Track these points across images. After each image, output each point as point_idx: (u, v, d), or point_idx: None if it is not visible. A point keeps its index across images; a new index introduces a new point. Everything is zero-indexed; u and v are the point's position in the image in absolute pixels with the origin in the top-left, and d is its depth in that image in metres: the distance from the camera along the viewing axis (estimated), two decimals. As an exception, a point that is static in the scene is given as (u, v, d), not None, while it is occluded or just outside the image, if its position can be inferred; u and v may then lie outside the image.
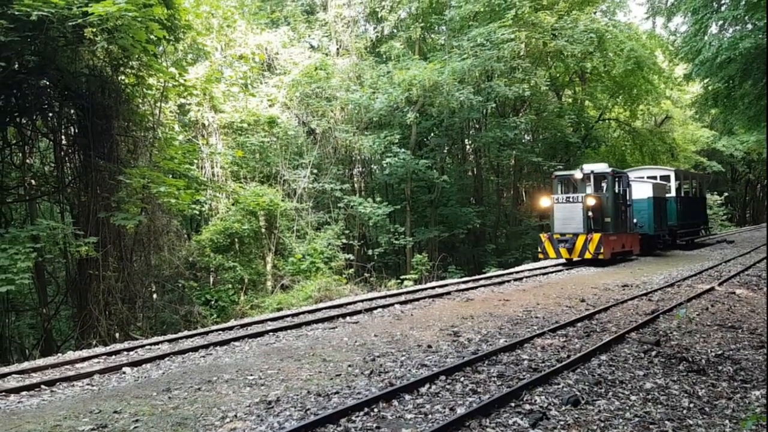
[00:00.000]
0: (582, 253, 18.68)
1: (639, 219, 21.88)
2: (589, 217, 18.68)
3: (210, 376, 7.33)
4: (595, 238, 18.52)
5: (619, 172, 20.44)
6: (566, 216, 18.96)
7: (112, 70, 15.40)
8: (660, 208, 23.29)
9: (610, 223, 19.25)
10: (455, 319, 10.75)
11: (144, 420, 5.70)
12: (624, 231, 20.32)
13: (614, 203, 19.43)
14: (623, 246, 20.21)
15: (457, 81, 23.16)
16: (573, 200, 19.06)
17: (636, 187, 22.07)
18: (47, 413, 5.99)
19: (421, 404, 6.16)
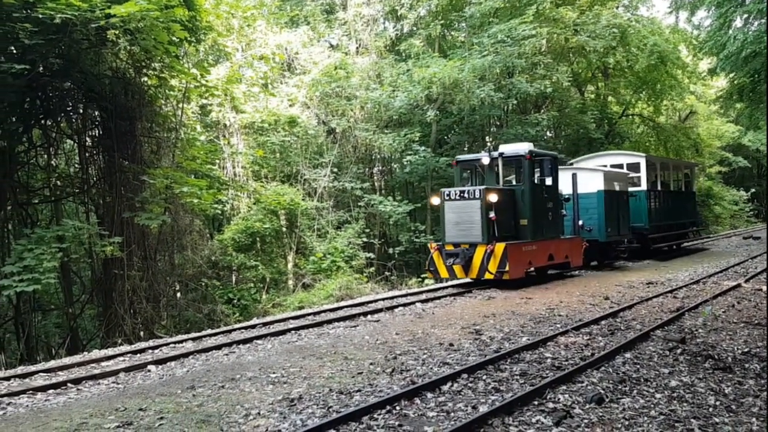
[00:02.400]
0: (481, 272, 13.45)
1: (586, 220, 17.10)
2: (490, 219, 13.52)
3: (233, 374, 7.39)
4: (497, 249, 13.27)
5: (541, 153, 15.18)
6: (460, 219, 13.96)
7: (134, 72, 15.59)
8: (616, 204, 18.06)
9: (528, 227, 14.39)
10: (477, 317, 10.70)
11: (169, 417, 5.76)
12: (553, 236, 15.28)
13: (534, 198, 14.55)
14: (551, 258, 15.14)
15: (477, 78, 23.04)
16: (468, 196, 13.80)
17: (582, 178, 17.21)
18: (73, 411, 6.08)
19: (443, 402, 6.14)
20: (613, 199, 17.89)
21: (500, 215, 13.79)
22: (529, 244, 14.30)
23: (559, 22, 25.38)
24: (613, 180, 18.22)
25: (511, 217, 14.44)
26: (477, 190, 13.87)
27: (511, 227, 14.35)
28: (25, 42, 12.01)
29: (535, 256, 14.51)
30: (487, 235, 13.60)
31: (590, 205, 17.31)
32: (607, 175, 17.88)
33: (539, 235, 14.69)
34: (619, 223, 18.16)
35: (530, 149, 14.72)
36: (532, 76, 25.71)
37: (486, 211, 13.60)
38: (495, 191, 13.80)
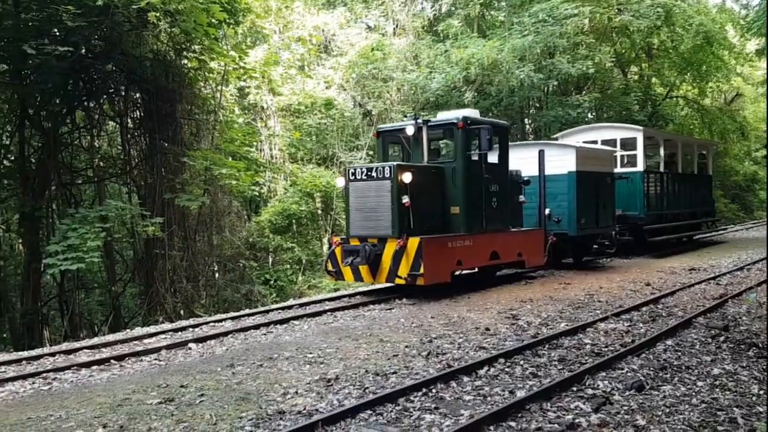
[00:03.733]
0: (392, 275, 10.65)
1: (554, 209, 14.16)
2: (404, 206, 10.62)
3: (271, 353, 7.48)
4: (410, 246, 10.38)
5: (480, 122, 11.82)
6: (366, 205, 11.10)
7: (175, 54, 15.75)
8: (594, 189, 14.57)
9: (461, 217, 11.44)
10: (513, 302, 10.61)
11: (209, 394, 5.86)
12: (499, 228, 12.21)
13: (470, 180, 11.46)
14: (495, 256, 12.08)
15: (517, 59, 22.67)
16: (377, 176, 10.89)
17: (551, 156, 14.19)
18: (117, 386, 6.23)
19: (479, 386, 6.11)
20: (590, 183, 14.52)
21: (419, 201, 10.86)
22: (459, 239, 11.24)
23: (602, 1, 24.72)
24: (591, 158, 14.81)
25: (437, 204, 11.48)
26: (387, 168, 10.76)
27: (436, 217, 11.45)
28: (68, 24, 12.23)
29: (468, 253, 11.40)
30: (398, 227, 10.62)
31: (559, 190, 14.13)
32: (581, 152, 14.48)
33: (477, 227, 11.65)
34: (598, 211, 14.78)
35: (465, 116, 11.67)
36: (574, 57, 25.16)
37: (398, 194, 10.61)
38: (410, 169, 10.74)
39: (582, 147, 15.11)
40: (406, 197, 10.63)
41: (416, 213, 10.81)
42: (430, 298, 11.03)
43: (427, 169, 11.54)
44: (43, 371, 7.04)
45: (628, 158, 18.06)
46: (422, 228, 10.90)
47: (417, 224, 10.80)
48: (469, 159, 11.54)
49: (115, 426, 5.02)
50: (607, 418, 5.27)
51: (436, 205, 11.50)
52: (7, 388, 6.56)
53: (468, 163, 11.53)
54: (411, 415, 5.33)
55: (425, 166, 11.66)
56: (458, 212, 11.54)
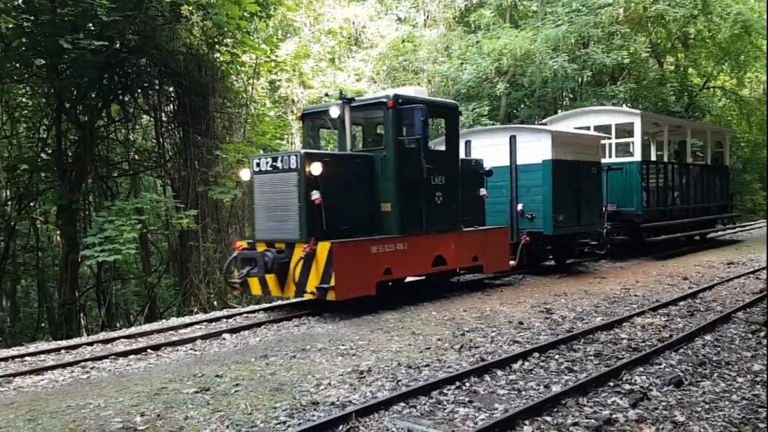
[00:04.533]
0: (300, 288, 9.02)
1: (528, 204, 12.41)
2: (313, 203, 8.87)
3: (304, 344, 7.50)
4: (319, 252, 8.73)
5: (415, 101, 9.79)
6: (272, 202, 9.42)
7: (207, 48, 15.88)
8: (575, 181, 12.78)
9: (393, 216, 9.74)
10: (547, 295, 10.50)
11: (244, 384, 5.91)
12: (446, 228, 10.50)
13: (403, 171, 9.75)
14: (440, 261, 10.38)
15: (550, 49, 22.35)
16: (282, 167, 9.22)
17: (523, 143, 12.46)
18: (153, 376, 6.33)
19: (514, 380, 6.05)
20: (571, 173, 12.64)
21: (336, 197, 9.21)
22: (388, 242, 9.49)
23: (638, -10, 24.22)
24: (571, 145, 12.92)
25: (363, 201, 9.72)
26: (292, 157, 9.09)
27: (363, 216, 9.72)
28: (102, 19, 12.41)
29: (401, 260, 9.65)
30: (306, 229, 8.91)
31: (533, 182, 12.33)
32: (558, 137, 12.56)
33: (414, 228, 9.92)
34: (581, 207, 12.91)
35: (396, 94, 9.90)
36: (609, 47, 24.74)
37: (306, 189, 8.88)
38: (321, 159, 9.07)
39: (560, 132, 13.19)
40: (316, 193, 8.83)
41: (331, 212, 9.08)
42: (463, 291, 10.97)
43: (347, 159, 9.82)
44: (82, 360, 7.17)
45: (623, 146, 16.13)
46: (340, 230, 9.19)
47: (333, 225, 9.09)
48: (401, 146, 9.69)
49: (152, 414, 5.09)
50: (644, 414, 5.19)
51: (361, 201, 9.69)
52: (47, 376, 6.70)
53: (400, 150, 9.68)
54: (445, 408, 5.30)
55: (346, 155, 9.96)
56: (389, 210, 9.72)
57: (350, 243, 9.06)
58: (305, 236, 8.88)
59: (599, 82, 29.46)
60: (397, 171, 9.71)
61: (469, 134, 13.42)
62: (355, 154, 10.09)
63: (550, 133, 12.50)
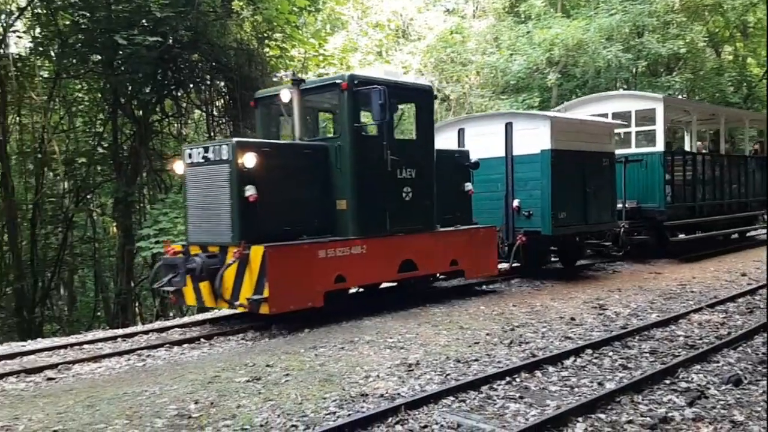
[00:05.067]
0: (234, 298, 7.76)
1: (525, 200, 11.13)
2: (247, 200, 7.74)
3: (352, 336, 7.53)
4: (253, 257, 7.56)
5: (375, 81, 8.56)
6: (204, 199, 8.25)
7: (257, 43, 16.08)
8: (580, 174, 11.44)
9: (349, 213, 8.58)
10: (600, 291, 10.27)
11: (294, 374, 5.97)
12: (417, 228, 9.32)
13: (361, 162, 8.61)
14: (410, 266, 9.22)
15: (604, 38, 21.85)
16: (214, 158, 8.05)
17: (520, 131, 11.18)
18: (207, 364, 6.45)
19: (566, 377, 5.93)
20: (575, 165, 11.29)
21: (276, 193, 8.09)
22: (340, 245, 8.33)
23: (695, -23, 23.47)
24: (576, 132, 11.52)
25: (313, 197, 8.55)
26: (224, 147, 7.93)
27: (312, 215, 8.53)
28: (156, 15, 12.70)
29: (358, 265, 8.51)
30: (239, 230, 7.76)
31: (530, 175, 11.08)
32: (559, 124, 11.18)
33: (375, 228, 8.76)
34: (588, 204, 11.52)
35: (351, 74, 8.82)
36: (664, 36, 24.01)
37: (239, 184, 7.75)
38: (257, 148, 7.96)
39: (561, 118, 11.92)
40: (250, 188, 7.73)
41: (271, 210, 7.98)
42: (512, 286, 10.82)
43: (294, 150, 8.68)
44: (138, 348, 7.37)
45: (644, 135, 14.56)
46: (283, 231, 8.06)
47: (273, 226, 7.99)
48: (358, 134, 8.59)
49: (206, 402, 5.18)
50: (702, 413, 5.02)
51: (312, 198, 8.54)
52: (104, 364, 6.91)
53: (357, 138, 8.55)
54: (495, 403, 5.24)
55: (291, 144, 8.86)
56: (345, 208, 8.60)
57: (290, 246, 7.88)
58: (237, 238, 7.72)
59: (654, 73, 28.63)
60: (354, 163, 8.51)
61: (461, 122, 12.41)
62: (303, 144, 8.83)
63: (549, 120, 11.11)
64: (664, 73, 28.21)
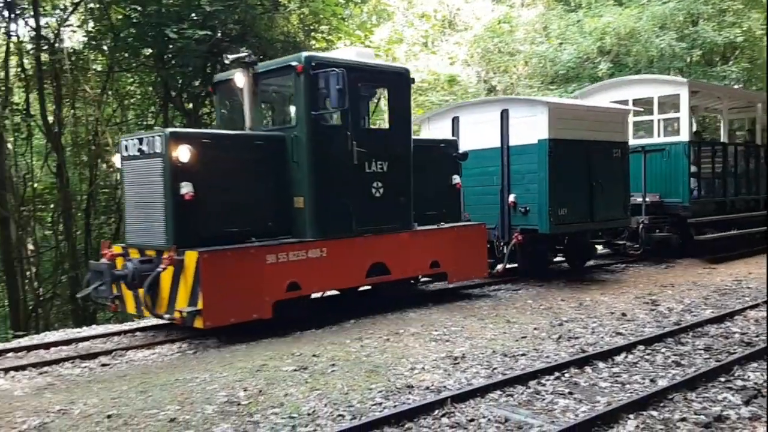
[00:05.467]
0: (171, 309, 6.94)
1: (521, 194, 10.24)
2: (182, 198, 6.92)
3: (397, 328, 7.53)
4: (188, 264, 6.72)
5: (331, 63, 7.71)
6: (140, 198, 7.51)
7: (304, 36, 16.16)
8: (585, 166, 10.56)
9: (306, 212, 7.74)
10: (652, 286, 10.03)
11: (340, 365, 6.00)
12: (390, 228, 8.49)
13: (318, 153, 7.72)
14: (381, 269, 8.39)
15: (657, 27, 21.23)
16: (147, 150, 7.27)
17: (516, 119, 10.35)
18: (255, 353, 6.54)
19: (617, 373, 5.81)
20: (578, 156, 10.38)
21: (220, 190, 7.30)
22: (295, 248, 7.49)
23: (754, -39, 22.56)
24: (578, 120, 10.57)
25: (266, 194, 7.74)
26: (158, 138, 7.10)
27: (264, 214, 7.70)
28: (205, 9, 12.88)
29: (316, 270, 7.64)
30: (174, 232, 6.99)
31: (527, 167, 10.19)
32: (558, 111, 10.24)
33: (338, 228, 7.93)
34: (594, 199, 10.59)
35: (308, 55, 7.79)
36: (720, 24, 23.18)
37: (173, 180, 6.94)
38: (196, 140, 7.19)
39: (562, 104, 11.10)
40: (186, 185, 6.88)
41: (214, 210, 7.20)
42: (560, 280, 10.64)
43: (242, 141, 7.87)
44: (189, 336, 7.51)
45: (667, 123, 13.51)
46: (229, 233, 7.24)
47: (215, 227, 7.19)
48: (317, 122, 7.68)
49: (254, 390, 5.26)
50: (759, 412, 4.86)
51: (265, 196, 7.72)
52: (156, 350, 7.09)
53: (315, 128, 7.66)
54: (543, 398, 5.16)
55: (238, 135, 8.08)
56: (303, 206, 7.75)
57: (230, 251, 6.97)
58: (171, 242, 6.94)
59: (709, 62, 27.69)
60: (312, 155, 7.63)
61: (456, 109, 11.51)
62: (253, 135, 7.96)
63: (547, 106, 10.11)
64: (719, 62, 27.26)
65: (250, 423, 4.59)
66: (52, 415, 4.78)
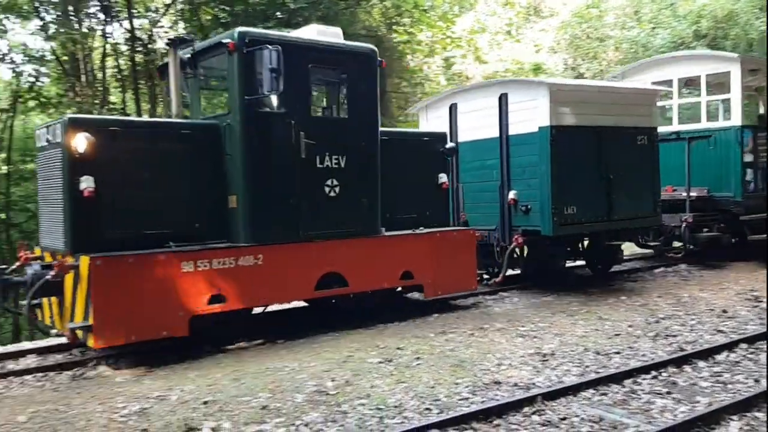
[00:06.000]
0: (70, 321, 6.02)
1: (522, 191, 8.98)
2: (81, 194, 6.00)
3: (481, 323, 7.42)
4: (83, 272, 5.78)
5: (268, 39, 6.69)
6: (44, 193, 6.85)
7: (386, 29, 16.20)
8: (594, 157, 9.21)
9: (240, 213, 6.76)
10: (754, 281, 9.43)
11: (425, 358, 5.97)
12: (352, 231, 7.39)
13: (254, 145, 6.71)
14: (338, 280, 7.29)
15: (756, 9, 19.91)
16: (51, 141, 6.46)
17: (516, 104, 9.07)
18: (341, 344, 6.62)
19: (718, 373, 5.50)
20: (590, 146, 9.10)
21: (127, 186, 6.36)
22: (220, 254, 6.47)
23: None
24: (589, 104, 9.21)
25: (193, 192, 6.78)
26: (58, 126, 6.30)
27: (190, 216, 6.72)
28: (290, 6, 13.13)
29: (248, 281, 6.61)
30: (72, 234, 6.14)
31: (527, 160, 8.92)
32: (562, 93, 8.92)
33: (280, 232, 6.89)
34: (612, 194, 9.26)
35: (242, 30, 6.73)
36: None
37: (71, 174, 6.09)
38: (95, 127, 6.25)
39: (566, 85, 9.75)
40: (87, 180, 6.01)
41: (121, 209, 6.29)
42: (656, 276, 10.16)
43: (160, 129, 7.04)
44: (279, 326, 7.65)
45: (714, 106, 11.99)
46: (142, 236, 6.30)
47: (124, 229, 6.27)
48: (252, 109, 6.70)
49: (341, 380, 5.31)
50: None
51: (192, 194, 6.75)
52: (248, 339, 7.28)
53: (252, 115, 6.71)
54: (639, 398, 4.94)
55: (156, 123, 7.45)
56: (236, 206, 6.78)
57: (130, 257, 5.96)
58: (70, 245, 6.11)
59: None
60: (246, 146, 6.66)
61: (453, 95, 10.24)
62: (178, 123, 7.04)
63: (547, 87, 8.70)
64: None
65: (339, 413, 4.64)
66: (152, 400, 4.99)
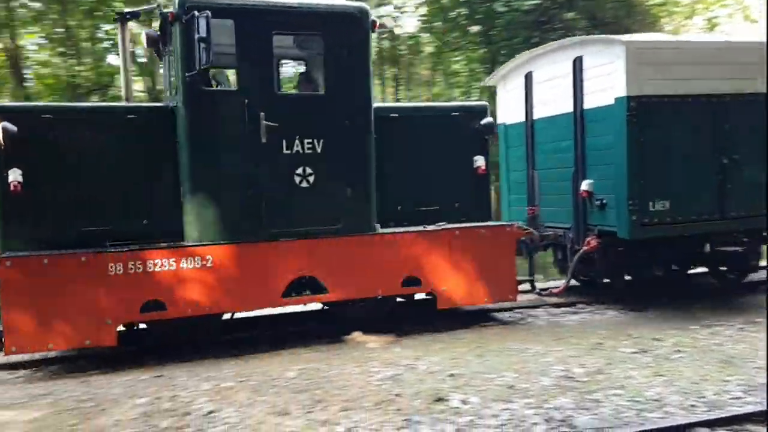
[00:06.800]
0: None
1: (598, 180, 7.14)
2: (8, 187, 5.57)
3: (755, 316, 6.70)
4: None
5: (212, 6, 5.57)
6: None
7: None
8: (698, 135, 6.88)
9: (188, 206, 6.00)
10: None
11: (686, 352, 5.47)
12: (336, 228, 6.20)
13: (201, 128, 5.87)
14: (315, 287, 6.20)
15: None
16: None
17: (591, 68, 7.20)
18: (587, 331, 6.34)
19: None
20: (694, 120, 6.98)
21: (61, 179, 5.84)
22: (157, 254, 5.75)
23: None
24: (688, 66, 6.96)
25: (138, 184, 6.07)
26: None
27: (137, 210, 6.04)
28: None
29: (192, 285, 5.83)
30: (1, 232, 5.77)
31: (604, 141, 7.08)
32: (643, 53, 6.81)
33: (237, 228, 6.00)
34: (726, 185, 7.07)
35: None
36: None
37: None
38: (20, 114, 5.81)
39: (650, 42, 7.28)
40: (14, 172, 5.58)
41: (54, 204, 5.80)
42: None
43: (100, 115, 6.34)
44: (517, 307, 7.57)
45: None
46: (78, 233, 5.80)
47: (57, 227, 5.80)
48: (195, 87, 5.86)
49: (592, 368, 5.05)
50: None
51: (137, 185, 6.06)
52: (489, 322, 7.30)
53: (194, 94, 5.89)
54: None
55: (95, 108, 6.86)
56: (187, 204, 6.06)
57: (46, 258, 5.47)
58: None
59: None
60: (190, 131, 5.90)
61: (529, 62, 8.43)
62: (123, 108, 6.39)
63: (624, 46, 6.74)
64: None
65: (590, 401, 4.41)
66: (402, 368, 5.23)
